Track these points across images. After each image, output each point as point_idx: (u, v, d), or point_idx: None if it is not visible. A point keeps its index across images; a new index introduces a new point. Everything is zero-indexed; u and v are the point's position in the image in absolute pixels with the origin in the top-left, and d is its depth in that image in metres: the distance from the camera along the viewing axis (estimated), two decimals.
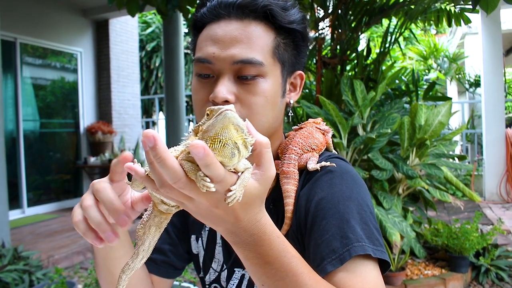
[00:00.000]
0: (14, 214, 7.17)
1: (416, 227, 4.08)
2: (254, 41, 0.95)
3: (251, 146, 0.63)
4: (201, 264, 1.19)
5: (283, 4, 0.98)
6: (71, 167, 8.81)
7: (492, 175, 7.98)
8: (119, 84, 9.54)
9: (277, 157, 1.08)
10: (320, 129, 1.12)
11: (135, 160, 0.70)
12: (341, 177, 0.96)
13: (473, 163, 8.76)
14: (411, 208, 4.03)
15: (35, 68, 8.24)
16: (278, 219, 1.03)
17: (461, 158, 4.57)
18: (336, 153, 1.11)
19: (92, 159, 8.60)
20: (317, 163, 1.01)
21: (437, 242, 4.46)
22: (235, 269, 1.11)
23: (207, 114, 0.61)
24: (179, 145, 0.65)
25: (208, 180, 0.59)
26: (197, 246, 1.19)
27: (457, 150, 9.86)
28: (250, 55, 0.93)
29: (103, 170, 8.88)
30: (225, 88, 0.93)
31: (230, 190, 0.62)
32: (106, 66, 9.32)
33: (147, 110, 14.49)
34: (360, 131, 3.86)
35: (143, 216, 0.79)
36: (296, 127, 1.13)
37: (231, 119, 0.59)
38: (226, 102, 0.93)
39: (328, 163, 0.98)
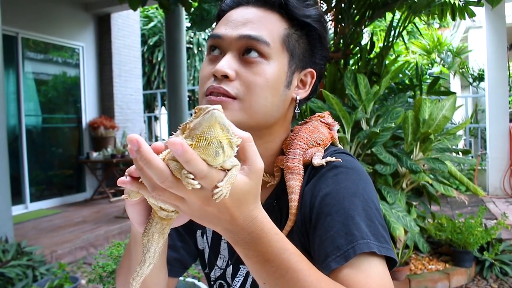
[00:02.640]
0: (17, 210, 7.18)
1: (420, 221, 4.07)
2: (265, 23, 0.97)
3: (237, 146, 0.64)
4: (206, 260, 1.18)
5: None
6: (73, 162, 8.81)
7: (495, 169, 7.96)
8: (121, 78, 9.53)
9: (282, 152, 1.06)
10: (325, 123, 1.10)
11: (126, 174, 0.70)
12: (346, 172, 0.95)
13: (476, 157, 8.74)
14: (414, 203, 4.02)
15: (37, 63, 8.24)
16: (282, 215, 1.02)
17: (465, 152, 4.55)
18: (342, 147, 1.09)
19: (95, 154, 8.60)
20: (323, 158, 0.99)
21: (441, 236, 4.45)
22: (240, 266, 1.10)
23: (195, 112, 0.62)
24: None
25: (192, 177, 0.60)
26: (203, 242, 1.18)
27: (460, 145, 9.83)
28: (258, 33, 0.95)
29: (106, 165, 8.89)
30: (226, 63, 0.94)
31: (217, 187, 0.62)
32: (108, 61, 9.31)
33: (149, 104, 14.47)
34: (364, 125, 3.85)
35: (146, 225, 0.80)
36: (302, 122, 1.11)
37: (218, 118, 0.60)
38: (225, 77, 0.93)
39: (333, 158, 0.97)
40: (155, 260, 0.80)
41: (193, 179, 0.60)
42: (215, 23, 1.10)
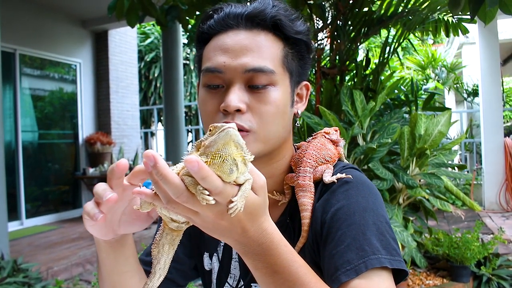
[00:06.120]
0: (13, 226, 7.13)
1: (417, 236, 4.07)
2: (264, 50, 0.95)
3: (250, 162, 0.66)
4: (214, 280, 1.17)
5: (289, 15, 1.00)
6: (69, 178, 8.78)
7: (491, 184, 7.98)
8: (118, 94, 9.55)
9: (290, 169, 1.07)
10: (330, 139, 1.11)
11: (140, 184, 0.73)
12: (357, 188, 0.96)
13: (472, 172, 8.76)
14: (411, 218, 4.02)
15: (34, 79, 8.26)
16: (295, 232, 1.03)
17: (461, 167, 4.57)
18: (348, 162, 1.10)
19: (91, 170, 8.57)
20: (333, 175, 1.00)
21: (438, 251, 4.45)
22: (251, 284, 1.10)
23: (210, 130, 0.64)
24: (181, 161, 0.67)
25: (207, 193, 0.61)
26: (210, 263, 1.18)
27: (456, 160, 9.86)
28: (262, 63, 0.94)
29: (102, 181, 8.81)
30: (236, 97, 0.92)
31: (232, 202, 0.64)
32: (105, 77, 9.34)
33: (145, 120, 14.48)
34: (360, 141, 3.87)
35: (155, 236, 0.80)
36: (309, 138, 1.12)
37: (233, 137, 0.61)
38: (238, 111, 0.92)
39: (344, 175, 0.98)
40: (165, 272, 0.81)
41: (208, 195, 0.62)
42: (197, 45, 1.06)
